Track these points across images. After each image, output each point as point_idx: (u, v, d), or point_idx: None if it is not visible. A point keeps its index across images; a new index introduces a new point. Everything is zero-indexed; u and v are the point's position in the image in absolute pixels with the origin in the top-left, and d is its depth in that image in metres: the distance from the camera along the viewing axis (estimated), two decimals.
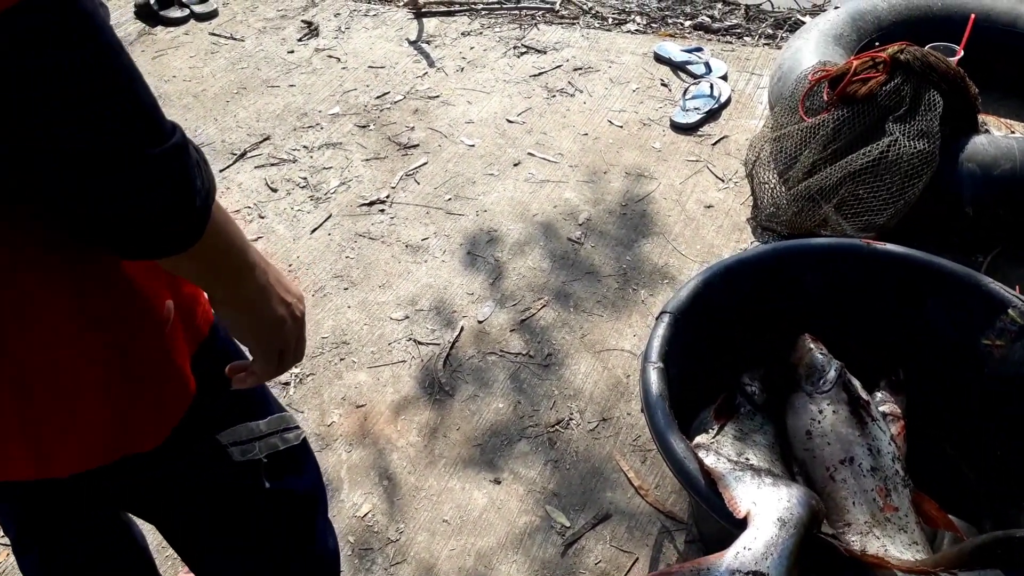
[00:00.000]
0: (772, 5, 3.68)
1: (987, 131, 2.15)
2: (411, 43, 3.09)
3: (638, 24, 3.34)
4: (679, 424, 1.40)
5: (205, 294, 0.79)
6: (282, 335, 0.77)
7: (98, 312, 0.67)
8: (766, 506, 1.06)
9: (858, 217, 1.96)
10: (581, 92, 2.73)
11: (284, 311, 0.77)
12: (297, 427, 0.98)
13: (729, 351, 1.56)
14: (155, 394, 0.74)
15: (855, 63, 2.02)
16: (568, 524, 1.52)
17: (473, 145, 2.53)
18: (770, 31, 3.30)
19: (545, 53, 2.97)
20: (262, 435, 0.90)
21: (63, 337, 0.65)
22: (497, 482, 1.60)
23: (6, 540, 1.55)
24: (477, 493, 1.58)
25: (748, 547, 1.00)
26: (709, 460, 1.23)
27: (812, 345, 1.48)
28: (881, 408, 1.48)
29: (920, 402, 1.52)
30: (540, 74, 2.84)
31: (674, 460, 1.19)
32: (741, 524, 1.05)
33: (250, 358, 0.80)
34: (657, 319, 1.42)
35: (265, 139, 2.62)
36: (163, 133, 0.57)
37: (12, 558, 1.52)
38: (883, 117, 1.97)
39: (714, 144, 2.45)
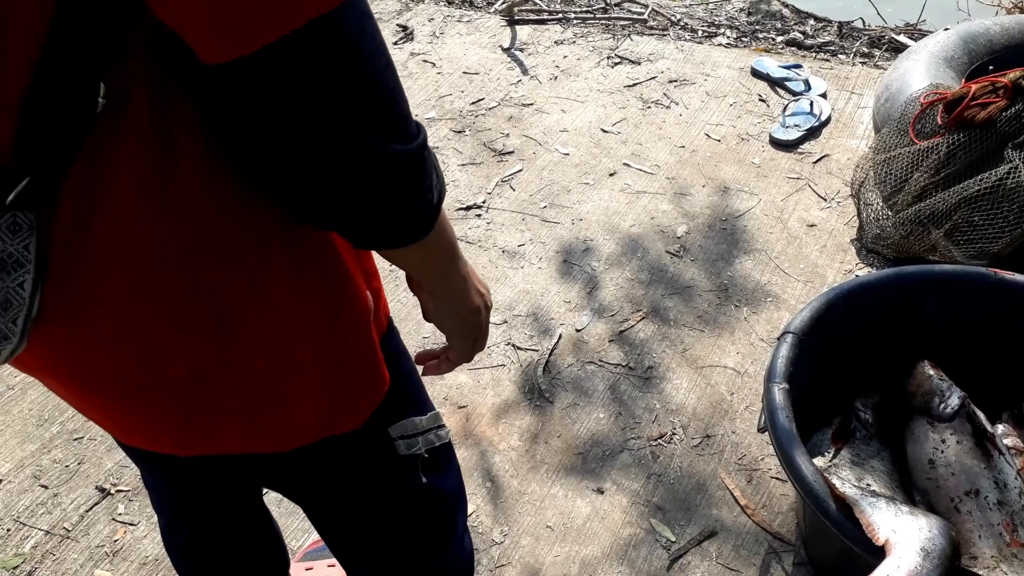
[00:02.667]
0: (864, 22, 3.63)
1: None
2: (504, 50, 3.12)
3: (728, 38, 3.32)
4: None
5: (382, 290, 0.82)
6: (478, 323, 0.83)
7: (317, 295, 0.69)
8: (907, 535, 1.05)
9: (971, 244, 1.92)
10: (677, 104, 2.73)
11: (480, 301, 0.82)
12: (445, 426, 1.00)
13: (845, 375, 1.54)
14: (361, 379, 0.78)
15: (974, 87, 1.97)
16: (674, 539, 1.52)
17: (568, 154, 2.54)
18: (865, 49, 3.25)
19: (639, 64, 2.97)
20: (424, 430, 0.92)
21: (286, 316, 0.67)
22: (600, 492, 1.60)
23: (125, 517, 1.61)
24: (580, 501, 1.59)
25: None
26: (850, 490, 1.21)
27: (932, 372, 1.45)
28: (1005, 441, 1.44)
29: None
30: (634, 85, 2.85)
31: (802, 482, 1.18)
32: (878, 552, 1.04)
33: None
34: (779, 339, 1.42)
35: None
36: (411, 134, 0.60)
37: (129, 535, 1.58)
38: (1002, 143, 1.92)
39: (815, 162, 2.42)
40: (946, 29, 2.52)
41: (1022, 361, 1.51)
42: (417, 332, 1.98)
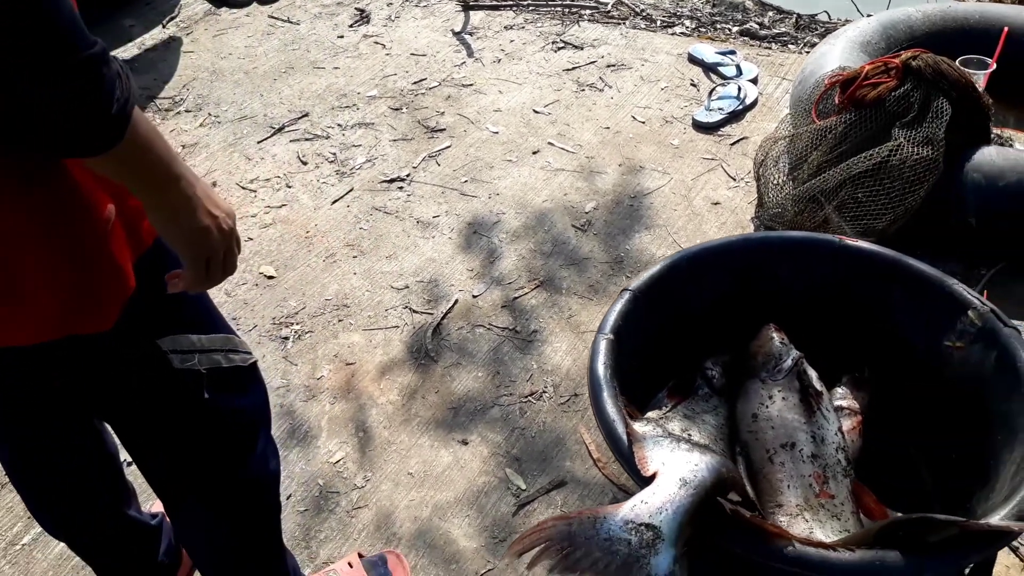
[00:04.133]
0: (829, 16, 3.65)
1: (1011, 145, 2.12)
2: (455, 34, 3.19)
3: (686, 28, 3.37)
4: (640, 400, 1.45)
5: None
6: (208, 244, 0.85)
7: (43, 211, 0.78)
8: (673, 467, 1.10)
9: (857, 221, 1.96)
10: (610, 88, 2.78)
11: (210, 222, 0.84)
12: (247, 352, 1.07)
13: (699, 337, 1.59)
14: (97, 282, 0.86)
15: (867, 68, 2.02)
16: (524, 487, 1.58)
17: (497, 132, 2.61)
18: (816, 40, 3.28)
19: (582, 49, 3.03)
20: (203, 349, 1.00)
21: (15, 229, 0.76)
22: (464, 443, 1.67)
23: None
24: (444, 451, 1.66)
25: (645, 501, 1.05)
26: (646, 428, 1.27)
27: (774, 334, 1.50)
28: (839, 402, 1.49)
29: (886, 401, 1.52)
30: (573, 68, 2.91)
31: (604, 420, 1.24)
32: (648, 482, 1.10)
33: None
34: (619, 295, 1.47)
35: (304, 116, 2.76)
36: (80, 46, 0.66)
37: None
38: (891, 122, 1.96)
39: (732, 144, 2.47)
40: (869, 15, 2.55)
41: (867, 326, 1.55)
42: (320, 295, 2.06)
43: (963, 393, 1.42)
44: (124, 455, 1.45)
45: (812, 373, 1.45)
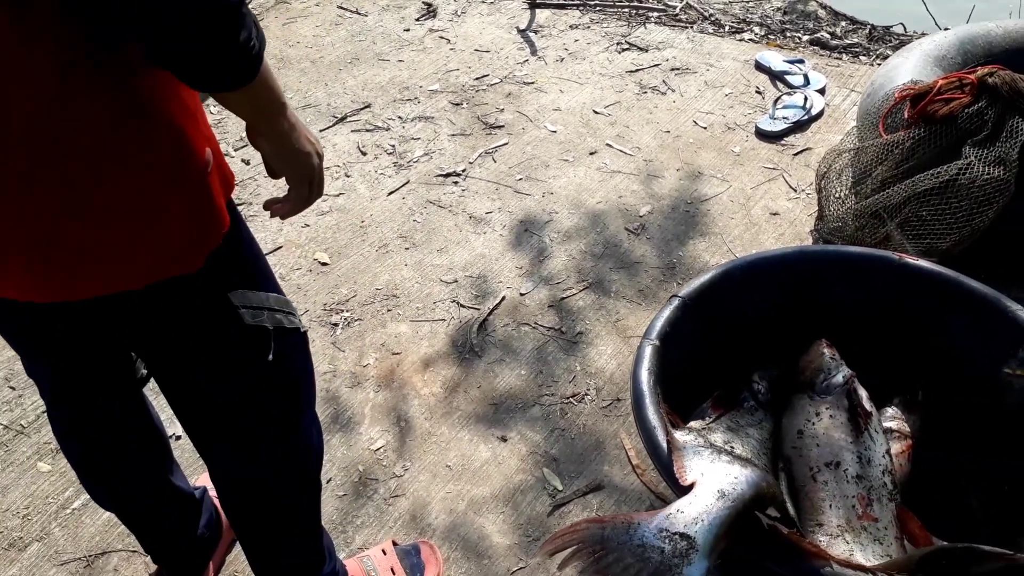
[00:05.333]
0: (905, 28, 3.55)
1: None
2: (520, 31, 3.20)
3: (755, 34, 3.31)
4: (684, 408, 1.44)
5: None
6: (311, 165, 0.97)
7: (163, 146, 0.84)
8: (712, 478, 1.09)
9: (920, 239, 1.90)
10: (673, 91, 2.75)
11: (310, 147, 0.97)
12: (299, 317, 1.10)
13: (751, 349, 1.57)
14: (202, 221, 0.91)
15: (940, 82, 1.95)
16: (560, 488, 1.58)
17: (555, 131, 2.61)
18: (889, 52, 3.19)
19: (647, 51, 3.01)
20: (271, 308, 1.03)
21: (114, 162, 0.81)
22: (504, 440, 1.68)
23: None
24: (483, 446, 1.67)
25: (682, 510, 1.04)
26: (687, 438, 1.26)
27: (826, 350, 1.47)
28: (889, 424, 1.45)
29: (938, 425, 1.48)
30: (637, 71, 2.89)
31: (644, 426, 1.23)
32: (685, 491, 1.09)
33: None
34: (667, 301, 1.46)
35: (366, 107, 2.80)
36: None
37: None
38: (962, 140, 1.90)
39: (795, 155, 2.42)
40: (946, 29, 2.47)
41: (923, 347, 1.51)
42: (371, 284, 2.08)
43: (1020, 421, 1.37)
44: (171, 429, 1.50)
45: (862, 392, 1.42)
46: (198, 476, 1.58)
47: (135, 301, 0.93)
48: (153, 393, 1.20)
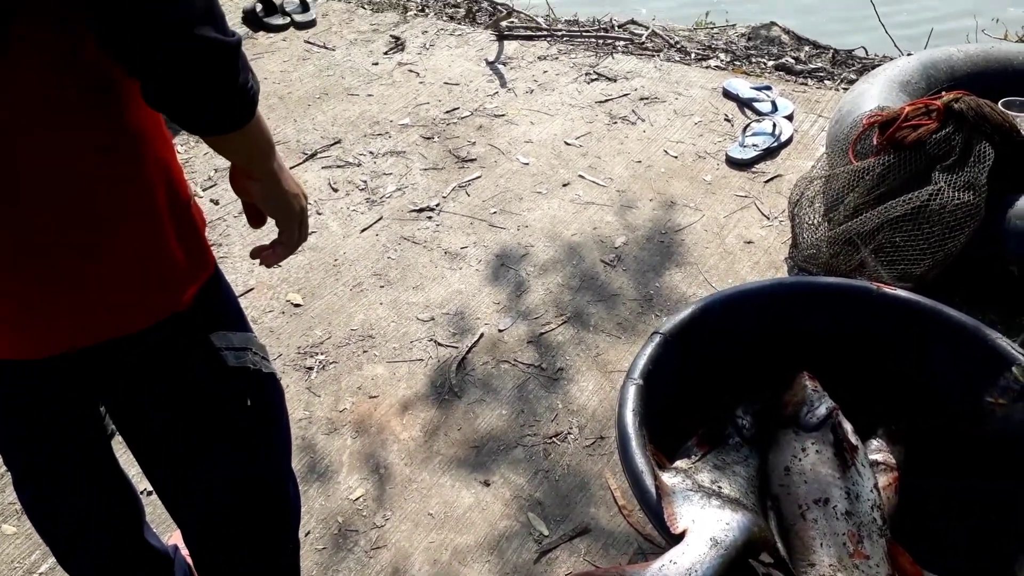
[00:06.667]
0: (866, 51, 3.60)
1: None
2: (488, 63, 3.20)
3: (721, 61, 3.34)
4: (669, 446, 1.41)
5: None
6: (300, 206, 0.97)
7: (143, 177, 0.84)
8: (703, 525, 1.07)
9: (895, 265, 1.91)
10: (643, 121, 2.77)
11: (297, 188, 0.97)
12: (269, 359, 1.07)
13: (732, 382, 1.55)
14: (188, 255, 0.90)
15: (907, 109, 1.98)
16: (547, 533, 1.54)
17: (527, 163, 2.60)
18: (853, 76, 3.24)
19: (615, 81, 3.02)
20: (252, 349, 0.99)
21: (111, 199, 0.81)
22: (486, 484, 1.64)
23: None
24: (465, 492, 1.63)
25: (674, 561, 1.01)
26: (675, 480, 1.24)
27: (808, 382, 1.46)
28: (874, 456, 1.44)
29: (920, 455, 1.47)
30: (606, 101, 2.90)
31: (632, 471, 1.21)
32: (677, 540, 1.06)
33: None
34: (649, 338, 1.44)
35: (336, 142, 2.77)
36: (230, 32, 0.75)
37: None
38: (931, 166, 1.92)
39: (767, 182, 2.43)
40: (909, 54, 2.51)
41: (903, 377, 1.51)
42: (346, 325, 2.05)
43: (1004, 449, 1.36)
44: (141, 484, 1.44)
45: (847, 426, 1.41)
46: (169, 534, 1.52)
47: (117, 347, 0.90)
48: (120, 447, 1.15)
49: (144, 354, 0.93)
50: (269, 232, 0.99)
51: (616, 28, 3.59)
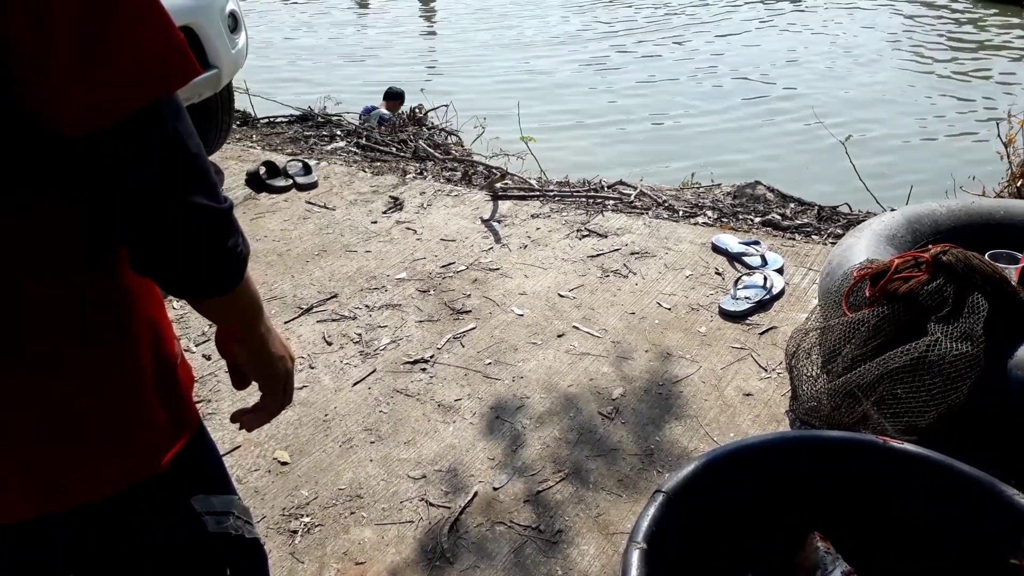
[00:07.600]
0: (850, 208, 3.73)
1: None
2: (484, 221, 3.29)
3: (708, 218, 3.44)
4: None
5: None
6: (286, 370, 0.94)
7: (130, 334, 0.81)
8: None
9: (899, 418, 1.87)
10: (635, 274, 2.80)
11: (284, 351, 0.94)
12: (253, 523, 1.00)
13: (738, 540, 1.47)
14: (171, 416, 0.86)
15: (897, 261, 2.00)
16: None
17: (522, 315, 2.60)
18: (840, 231, 3.32)
19: (606, 237, 3.09)
20: (234, 513, 0.93)
21: (96, 356, 0.78)
22: None
23: None
24: None
25: None
26: None
27: (820, 544, 1.38)
28: None
29: None
30: (598, 255, 2.95)
31: None
32: None
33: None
34: (651, 497, 1.38)
35: (332, 297, 2.79)
36: (221, 197, 0.75)
37: None
38: (925, 317, 1.92)
39: (761, 334, 2.43)
40: (892, 209, 2.59)
41: (916, 533, 1.43)
42: (334, 484, 1.96)
43: None
44: None
45: None
46: None
47: (88, 512, 0.84)
48: None
49: (117, 518, 0.88)
50: (258, 389, 0.96)
51: (605, 188, 3.72)
